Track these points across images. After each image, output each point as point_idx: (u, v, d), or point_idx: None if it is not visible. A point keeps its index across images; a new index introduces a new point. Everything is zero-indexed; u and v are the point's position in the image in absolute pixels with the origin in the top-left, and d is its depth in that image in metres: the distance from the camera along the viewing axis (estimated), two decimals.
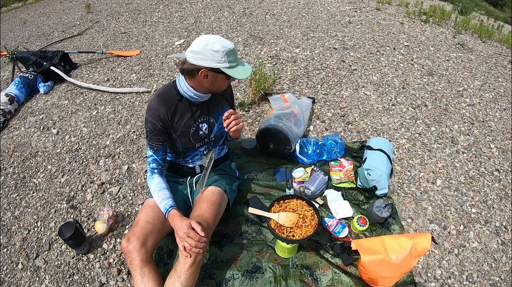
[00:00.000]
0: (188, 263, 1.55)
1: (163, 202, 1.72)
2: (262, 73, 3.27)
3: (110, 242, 2.21)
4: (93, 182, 2.69)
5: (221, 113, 1.98)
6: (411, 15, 6.29)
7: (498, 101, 3.58)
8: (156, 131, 1.77)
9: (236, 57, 1.62)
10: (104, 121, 3.40)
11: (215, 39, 1.53)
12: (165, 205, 1.71)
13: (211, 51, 1.52)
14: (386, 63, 4.12)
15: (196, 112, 1.86)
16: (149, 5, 7.18)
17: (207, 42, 1.52)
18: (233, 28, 5.30)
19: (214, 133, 1.99)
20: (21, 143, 3.28)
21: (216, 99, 1.94)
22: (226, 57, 1.55)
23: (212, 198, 1.88)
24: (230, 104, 2.07)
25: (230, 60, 1.57)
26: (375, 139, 2.61)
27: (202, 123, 1.90)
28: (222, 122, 1.96)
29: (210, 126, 1.95)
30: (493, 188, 2.55)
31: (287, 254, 1.94)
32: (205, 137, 1.97)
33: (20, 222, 2.47)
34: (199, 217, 1.74)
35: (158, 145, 1.80)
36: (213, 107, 1.93)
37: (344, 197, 2.34)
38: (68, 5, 8.92)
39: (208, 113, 1.91)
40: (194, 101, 1.81)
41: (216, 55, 1.53)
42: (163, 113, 1.75)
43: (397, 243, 1.73)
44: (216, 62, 1.55)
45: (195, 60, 1.56)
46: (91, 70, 4.52)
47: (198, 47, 1.53)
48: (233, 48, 1.57)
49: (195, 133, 1.90)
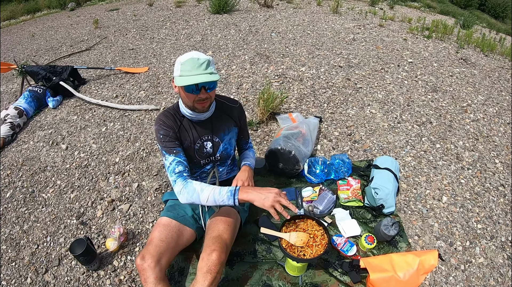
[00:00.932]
0: (207, 281, 1.57)
1: (223, 190, 1.69)
2: (270, 93, 3.32)
3: (121, 260, 2.23)
4: (103, 199, 2.72)
5: (227, 133, 2.00)
6: (414, 31, 6.38)
7: (501, 115, 3.62)
8: (169, 136, 1.81)
9: (195, 67, 1.59)
10: (113, 137, 3.44)
11: (189, 52, 1.64)
12: (228, 189, 1.68)
13: (176, 61, 1.65)
14: (391, 81, 4.17)
15: (199, 130, 1.90)
16: (156, 22, 7.29)
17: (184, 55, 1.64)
18: (240, 46, 5.37)
19: (219, 152, 2.01)
20: (29, 157, 3.31)
21: (222, 119, 1.97)
22: (180, 66, 1.61)
23: (229, 219, 1.90)
24: (238, 126, 2.08)
25: (183, 69, 1.60)
26: (382, 158, 2.64)
27: (206, 141, 1.94)
28: (228, 142, 2.01)
29: (215, 145, 1.97)
30: (498, 203, 2.58)
31: (297, 272, 1.96)
32: (210, 155, 1.99)
33: (29, 237, 2.48)
34: (218, 238, 1.75)
35: (177, 148, 1.81)
36: (218, 126, 1.95)
37: (352, 215, 2.36)
38: (76, 19, 9.06)
39: (212, 132, 1.94)
40: (191, 119, 1.86)
41: (176, 65, 1.65)
42: (171, 124, 1.82)
43: (405, 260, 1.76)
44: (175, 71, 1.65)
45: None
46: (100, 86, 4.59)
47: None
48: (192, 58, 1.59)
49: (199, 150, 1.93)
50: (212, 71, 1.63)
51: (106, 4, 11.56)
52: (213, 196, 1.68)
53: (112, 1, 12.12)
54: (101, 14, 9.20)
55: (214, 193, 1.68)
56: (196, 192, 1.70)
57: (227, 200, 1.66)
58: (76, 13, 10.69)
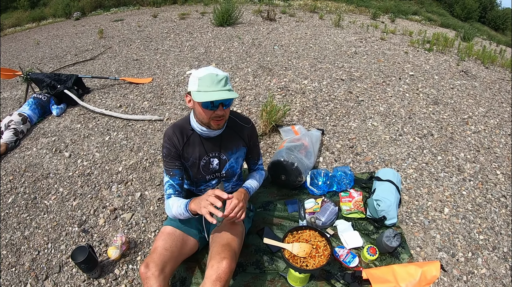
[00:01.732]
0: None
1: (182, 204, 1.78)
2: (273, 106, 3.35)
3: (122, 268, 2.22)
4: (106, 207, 2.72)
5: (235, 152, 1.99)
6: (415, 44, 6.44)
7: (502, 126, 3.65)
8: (170, 156, 1.84)
9: (214, 83, 1.59)
10: (117, 147, 3.46)
11: (207, 67, 1.64)
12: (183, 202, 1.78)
13: (191, 76, 1.64)
14: (392, 94, 4.21)
15: (208, 146, 1.89)
16: (161, 33, 7.38)
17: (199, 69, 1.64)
18: (243, 58, 5.43)
19: (225, 169, 2.01)
20: (32, 164, 3.33)
21: (232, 138, 1.96)
22: (198, 81, 1.59)
23: (236, 228, 1.91)
24: (247, 145, 2.06)
25: (201, 84, 1.59)
26: (384, 170, 2.66)
27: (213, 157, 1.93)
28: (235, 160, 2.01)
29: (221, 163, 1.97)
30: (500, 214, 2.58)
31: (299, 283, 1.95)
32: (216, 172, 2.00)
33: (30, 243, 2.48)
34: (227, 246, 1.76)
35: (174, 170, 1.86)
36: (226, 144, 1.95)
37: (354, 227, 2.36)
38: (81, 29, 9.17)
39: (220, 149, 1.93)
40: (201, 134, 1.85)
41: (192, 79, 1.63)
42: (176, 140, 1.83)
43: (407, 271, 1.76)
44: (191, 86, 1.64)
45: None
46: (104, 96, 4.63)
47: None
48: (211, 74, 1.58)
49: (205, 166, 1.94)
50: (230, 87, 1.65)
51: (111, 15, 11.71)
52: (176, 210, 1.80)
53: (117, 12, 12.29)
54: (106, 24, 9.32)
55: (179, 207, 1.79)
56: (169, 207, 1.85)
57: (183, 210, 1.77)
58: (81, 22, 10.83)
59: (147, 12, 10.56)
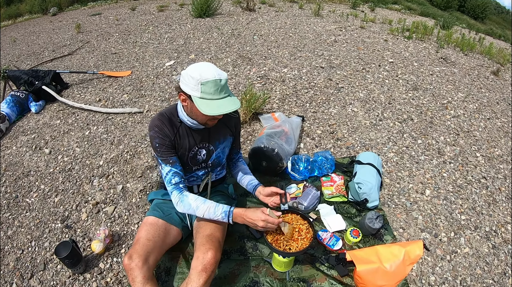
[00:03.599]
0: (202, 280, 1.58)
1: (218, 209, 1.77)
2: (253, 94, 3.35)
3: (107, 262, 2.21)
4: (88, 202, 2.69)
5: (222, 142, 1.99)
6: (394, 32, 6.51)
7: (482, 111, 3.73)
8: (165, 146, 1.76)
9: (218, 90, 1.55)
10: (97, 141, 3.41)
11: (204, 68, 1.55)
12: (223, 209, 1.78)
13: (189, 76, 1.53)
14: (372, 80, 4.25)
15: (196, 137, 1.86)
16: (139, 26, 7.27)
17: (195, 67, 1.55)
18: (222, 49, 5.40)
19: (212, 159, 2.00)
20: (12, 163, 3.26)
21: (219, 128, 1.93)
22: (200, 86, 1.52)
23: None
24: (233, 135, 2.07)
25: (204, 91, 1.53)
26: (364, 154, 2.69)
27: (201, 148, 1.91)
28: (221, 150, 2.01)
29: (209, 153, 1.96)
30: (481, 195, 2.66)
31: (284, 268, 1.97)
32: (203, 162, 1.98)
33: (14, 242, 2.44)
34: (211, 236, 1.77)
35: (172, 157, 1.79)
36: (214, 135, 1.93)
37: (337, 211, 2.39)
38: (58, 24, 8.97)
39: (209, 140, 1.92)
40: (190, 126, 1.81)
41: (190, 81, 1.53)
42: (168, 131, 1.76)
43: (390, 252, 1.79)
44: (190, 89, 1.55)
45: (180, 82, 1.61)
46: (83, 90, 4.55)
47: (186, 70, 1.56)
48: (215, 80, 1.52)
49: (193, 158, 1.92)
50: (230, 91, 1.63)
51: (88, 9, 11.50)
52: (208, 215, 1.77)
53: (94, 6, 12.06)
54: (83, 19, 9.13)
55: (209, 212, 1.77)
56: (192, 208, 1.78)
57: (221, 220, 1.78)
58: (58, 18, 10.60)
59: (125, 5, 10.38)
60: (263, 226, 1.69)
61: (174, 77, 1.90)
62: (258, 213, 1.70)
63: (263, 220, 1.68)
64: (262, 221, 1.68)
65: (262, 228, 1.71)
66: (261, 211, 1.71)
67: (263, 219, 1.68)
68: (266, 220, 1.68)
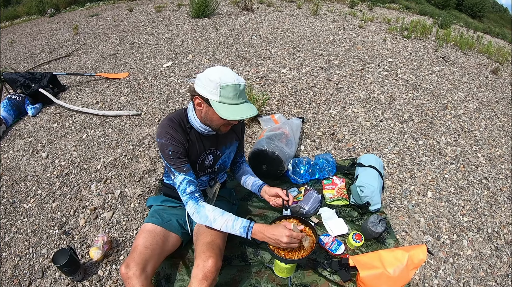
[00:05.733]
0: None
1: (236, 224, 1.66)
2: (252, 95, 3.32)
3: (106, 269, 2.17)
4: (85, 207, 2.65)
5: (228, 147, 1.96)
6: (393, 31, 6.49)
7: (482, 110, 3.71)
8: (179, 153, 1.69)
9: (237, 95, 1.51)
10: (95, 144, 3.37)
11: (224, 72, 1.50)
12: (242, 224, 1.66)
13: (207, 79, 1.48)
14: (372, 80, 4.22)
15: (206, 143, 1.82)
16: (136, 27, 7.25)
17: (214, 70, 1.50)
18: (220, 49, 5.38)
19: (218, 164, 1.97)
20: (9, 167, 3.22)
21: (226, 133, 1.86)
22: (219, 90, 1.47)
23: None
24: (239, 139, 2.05)
25: (223, 95, 1.48)
26: (366, 156, 2.66)
27: (209, 154, 1.87)
28: (227, 155, 1.99)
29: (216, 158, 1.93)
30: (482, 196, 2.63)
31: (286, 274, 1.94)
32: (209, 168, 1.94)
33: (11, 249, 2.40)
34: (212, 243, 1.73)
35: (186, 165, 1.71)
36: (222, 140, 1.90)
37: (338, 214, 2.36)
38: (56, 26, 8.95)
39: (217, 145, 1.89)
40: (201, 132, 1.76)
41: (209, 84, 1.48)
42: (180, 138, 1.69)
43: (394, 256, 1.76)
44: (208, 92, 1.50)
45: (196, 85, 1.55)
46: (80, 93, 4.51)
47: (204, 73, 1.51)
48: (235, 84, 1.48)
49: (201, 164, 1.87)
50: (247, 99, 1.59)
51: (85, 10, 11.47)
52: (226, 228, 1.67)
53: (91, 7, 12.03)
54: (81, 20, 9.11)
55: (227, 225, 1.67)
56: (209, 220, 1.69)
57: (239, 235, 1.66)
58: (56, 19, 10.57)
59: (123, 6, 10.34)
60: (288, 242, 1.56)
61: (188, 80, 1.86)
62: (280, 228, 1.58)
63: (288, 236, 1.55)
64: (286, 237, 1.55)
65: (285, 245, 1.57)
66: (283, 227, 1.59)
67: (287, 234, 1.55)
68: (291, 235, 1.56)
